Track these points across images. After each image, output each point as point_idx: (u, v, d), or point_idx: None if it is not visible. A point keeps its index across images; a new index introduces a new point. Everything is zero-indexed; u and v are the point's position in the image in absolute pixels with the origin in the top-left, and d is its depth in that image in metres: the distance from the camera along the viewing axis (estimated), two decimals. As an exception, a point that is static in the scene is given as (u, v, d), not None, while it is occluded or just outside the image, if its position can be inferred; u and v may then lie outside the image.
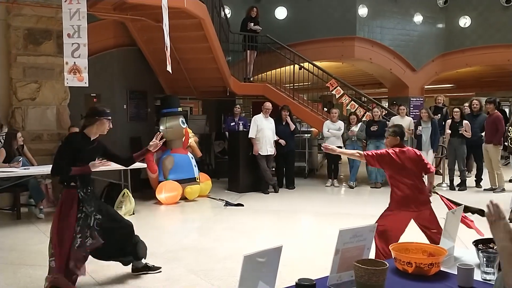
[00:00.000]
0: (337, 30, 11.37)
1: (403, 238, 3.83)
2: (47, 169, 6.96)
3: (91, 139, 4.05)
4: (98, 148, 4.14)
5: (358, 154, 4.25)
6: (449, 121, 9.29)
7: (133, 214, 7.08)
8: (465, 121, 9.08)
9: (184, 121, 8.44)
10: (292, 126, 9.29)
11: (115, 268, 4.64)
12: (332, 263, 2.23)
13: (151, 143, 4.30)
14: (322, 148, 4.43)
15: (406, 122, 9.46)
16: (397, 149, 4.14)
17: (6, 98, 7.63)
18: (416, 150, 4.27)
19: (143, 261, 4.49)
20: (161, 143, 4.35)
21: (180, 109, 8.58)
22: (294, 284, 2.00)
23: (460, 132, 8.95)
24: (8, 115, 7.63)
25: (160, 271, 4.51)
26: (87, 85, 6.18)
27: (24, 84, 7.61)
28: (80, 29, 5.74)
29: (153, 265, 4.55)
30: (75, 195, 3.92)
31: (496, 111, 8.99)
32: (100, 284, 4.21)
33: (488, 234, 2.79)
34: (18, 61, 7.54)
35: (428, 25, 12.78)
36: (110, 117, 4.13)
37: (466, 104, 10.54)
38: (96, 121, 4.04)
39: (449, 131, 9.15)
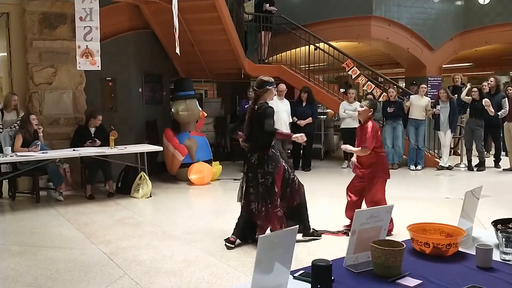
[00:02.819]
0: (353, 9, 11.18)
1: (421, 219, 3.79)
2: (65, 153, 7.07)
3: None
4: None
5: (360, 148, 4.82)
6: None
7: (150, 196, 7.15)
8: (485, 99, 8.90)
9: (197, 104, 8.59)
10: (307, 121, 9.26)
11: (133, 250, 4.70)
12: (349, 244, 2.22)
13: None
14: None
15: (424, 102, 9.33)
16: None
17: (23, 83, 7.70)
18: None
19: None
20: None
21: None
22: (310, 265, 2.00)
23: (485, 107, 8.76)
24: (26, 99, 7.70)
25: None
26: (100, 69, 6.16)
27: (41, 68, 7.66)
28: (92, 12, 5.73)
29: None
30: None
31: None
32: (118, 266, 4.27)
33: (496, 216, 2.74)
34: (34, 45, 7.57)
35: (446, 2, 12.48)
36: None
37: (485, 83, 10.35)
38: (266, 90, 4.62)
39: (469, 97, 8.99)
